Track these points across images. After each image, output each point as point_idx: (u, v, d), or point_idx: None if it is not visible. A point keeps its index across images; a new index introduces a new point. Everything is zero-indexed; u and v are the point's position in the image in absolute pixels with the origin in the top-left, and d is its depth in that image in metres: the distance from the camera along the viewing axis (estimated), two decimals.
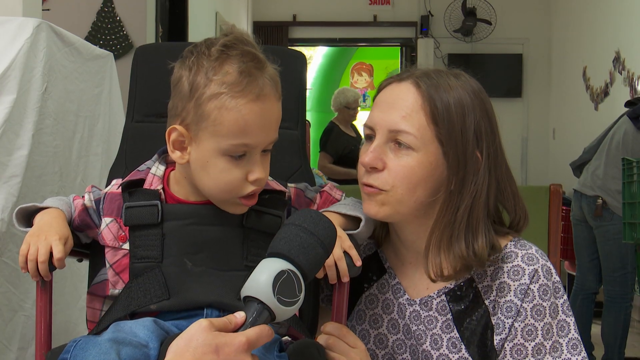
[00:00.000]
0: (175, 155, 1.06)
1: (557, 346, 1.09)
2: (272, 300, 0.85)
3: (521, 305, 1.09)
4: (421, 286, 1.18)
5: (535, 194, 2.25)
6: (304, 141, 1.39)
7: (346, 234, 1.11)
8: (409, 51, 7.16)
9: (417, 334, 1.16)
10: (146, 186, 1.11)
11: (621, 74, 4.92)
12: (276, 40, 6.93)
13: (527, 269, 1.11)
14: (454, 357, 1.12)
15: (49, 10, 3.16)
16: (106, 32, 3.75)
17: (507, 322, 1.10)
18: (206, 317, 0.96)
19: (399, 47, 7.34)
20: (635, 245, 3.05)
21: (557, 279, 1.12)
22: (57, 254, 1.06)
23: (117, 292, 1.09)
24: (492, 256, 1.12)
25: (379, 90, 1.18)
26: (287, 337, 1.06)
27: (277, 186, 1.16)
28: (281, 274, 0.87)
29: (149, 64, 1.42)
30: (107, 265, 1.11)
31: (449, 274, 1.11)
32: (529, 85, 6.89)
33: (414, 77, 1.12)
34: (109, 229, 1.12)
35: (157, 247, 1.06)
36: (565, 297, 1.12)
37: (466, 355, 1.11)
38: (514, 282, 1.11)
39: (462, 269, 1.11)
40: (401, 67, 7.47)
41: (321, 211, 1.17)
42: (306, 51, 8.04)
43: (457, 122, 1.09)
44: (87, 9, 3.73)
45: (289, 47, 1.41)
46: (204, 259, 1.06)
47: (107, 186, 1.21)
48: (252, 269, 0.89)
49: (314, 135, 5.29)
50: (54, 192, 1.80)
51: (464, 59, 6.54)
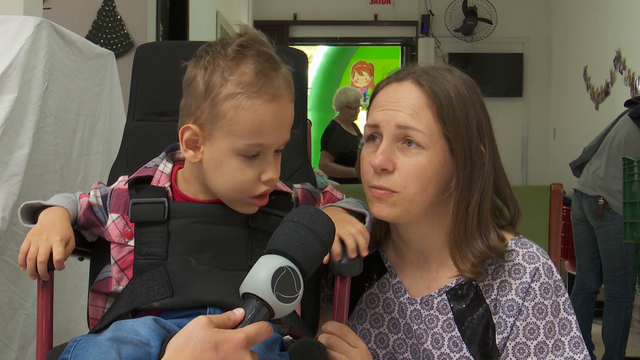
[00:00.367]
0: (188, 154, 1.05)
1: (560, 344, 1.09)
2: (271, 296, 0.86)
3: (523, 303, 1.09)
4: (422, 285, 1.18)
5: (535, 194, 2.24)
6: (305, 140, 1.39)
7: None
8: (410, 50, 7.15)
9: (418, 333, 1.16)
10: (154, 183, 1.11)
11: (622, 74, 4.91)
12: (277, 39, 6.85)
13: (528, 267, 1.11)
14: (455, 356, 1.12)
15: (49, 9, 3.16)
16: (107, 31, 3.75)
17: (509, 321, 1.10)
18: None
19: (400, 47, 7.33)
20: (635, 244, 3.05)
21: (559, 277, 1.12)
22: (57, 255, 1.06)
23: (120, 288, 1.09)
24: (503, 246, 1.12)
25: (377, 91, 1.17)
26: (288, 336, 1.06)
27: (283, 187, 1.16)
28: (280, 270, 0.87)
29: (150, 63, 1.42)
30: (112, 261, 1.11)
31: (472, 268, 1.10)
32: (530, 84, 6.88)
33: (414, 76, 1.12)
34: (115, 225, 1.12)
35: (162, 245, 1.06)
36: (566, 295, 1.12)
37: (467, 354, 1.11)
38: (515, 280, 1.11)
39: (481, 262, 1.11)
40: (402, 67, 7.44)
41: (325, 206, 1.17)
42: (307, 50, 8.03)
43: (462, 118, 1.09)
44: (88, 7, 3.73)
45: (290, 46, 1.41)
46: (208, 258, 1.05)
47: (109, 184, 1.20)
48: None
49: (315, 134, 5.29)
50: (54, 191, 1.80)
51: (465, 59, 6.53)
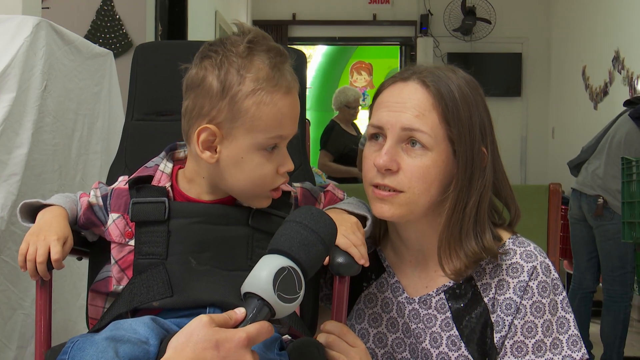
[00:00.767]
0: (205, 155, 1.04)
1: (558, 343, 1.09)
2: (272, 296, 0.86)
3: (520, 302, 1.09)
4: (420, 285, 1.18)
5: (534, 193, 2.24)
6: (303, 140, 1.39)
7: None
8: (409, 50, 7.15)
9: (417, 332, 1.16)
10: (154, 183, 1.11)
11: (620, 74, 4.92)
12: (276, 39, 6.84)
13: (526, 266, 1.11)
14: (453, 355, 1.12)
15: (48, 8, 3.15)
16: (106, 30, 3.74)
17: (507, 320, 1.10)
18: None
19: (399, 46, 7.33)
20: (634, 244, 3.06)
21: (556, 275, 1.12)
22: (55, 255, 1.05)
23: (120, 288, 1.09)
24: (499, 247, 1.12)
25: (381, 90, 1.17)
26: (287, 336, 1.06)
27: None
28: (282, 270, 0.87)
29: (149, 63, 1.42)
30: (113, 261, 1.11)
31: (459, 269, 1.11)
32: (529, 84, 6.88)
33: (420, 76, 1.12)
34: (115, 224, 1.12)
35: (162, 244, 1.06)
36: (564, 293, 1.12)
37: (466, 353, 1.11)
38: (512, 279, 1.11)
39: (472, 264, 1.11)
40: (401, 67, 7.46)
41: (327, 208, 1.17)
42: (306, 50, 8.03)
43: (465, 120, 1.09)
44: (87, 7, 3.72)
45: (289, 46, 1.41)
46: (208, 258, 1.05)
47: (108, 184, 1.20)
48: None
49: (314, 134, 5.29)
50: (53, 191, 1.79)
51: (464, 58, 6.54)
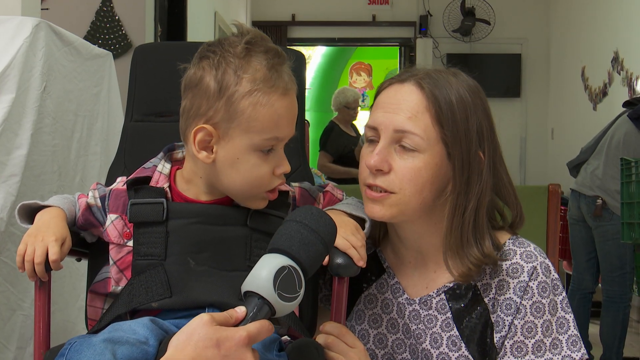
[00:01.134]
0: (201, 155, 1.05)
1: (557, 343, 1.09)
2: (272, 295, 0.86)
3: (521, 302, 1.09)
4: (420, 285, 1.18)
5: (533, 194, 2.25)
6: (303, 141, 1.39)
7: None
8: (408, 51, 7.16)
9: (417, 333, 1.16)
10: (152, 184, 1.11)
11: (620, 74, 4.92)
12: (275, 40, 6.86)
13: (526, 266, 1.11)
14: (453, 355, 1.12)
15: (47, 9, 3.16)
16: (105, 31, 3.74)
17: (507, 320, 1.10)
18: None
19: (398, 47, 7.34)
20: (633, 245, 3.06)
21: (556, 276, 1.12)
22: (52, 255, 1.05)
23: (119, 289, 1.09)
24: (498, 254, 1.12)
25: (380, 91, 1.17)
26: (286, 337, 1.06)
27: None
28: (282, 269, 0.87)
29: (148, 64, 1.42)
30: (111, 262, 1.11)
31: (466, 272, 1.11)
32: (528, 85, 6.89)
33: (417, 78, 1.12)
34: (114, 225, 1.12)
35: (161, 245, 1.06)
36: (564, 294, 1.12)
37: (466, 353, 1.11)
38: (513, 279, 1.11)
39: (477, 269, 1.11)
40: (400, 67, 7.46)
41: (327, 209, 1.17)
42: (305, 51, 8.04)
43: (461, 123, 1.09)
44: (86, 8, 3.72)
45: (288, 47, 1.42)
46: (207, 259, 1.06)
47: (107, 185, 1.20)
48: None
49: (313, 135, 5.29)
50: (52, 192, 1.80)
51: (463, 59, 6.54)
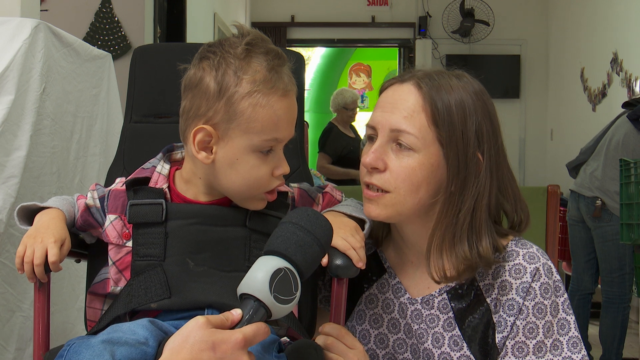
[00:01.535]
0: (201, 155, 1.05)
1: (558, 344, 1.09)
2: (268, 297, 0.86)
3: (523, 303, 1.09)
4: (422, 285, 1.18)
5: (533, 195, 2.25)
6: (302, 142, 1.39)
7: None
8: (407, 52, 7.16)
9: (419, 333, 1.16)
10: (151, 184, 1.12)
11: (619, 75, 4.93)
12: (274, 41, 6.86)
13: (529, 267, 1.11)
14: (455, 355, 1.12)
15: (47, 10, 3.16)
16: (104, 32, 3.74)
17: (509, 320, 1.10)
18: None
19: (397, 48, 7.34)
20: (632, 246, 3.06)
21: (558, 277, 1.12)
22: (52, 257, 1.05)
23: (118, 290, 1.09)
24: (496, 257, 1.12)
25: (382, 90, 1.18)
26: (285, 338, 1.06)
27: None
28: (278, 271, 0.87)
29: (148, 65, 1.42)
30: (110, 262, 1.11)
31: (452, 275, 1.11)
32: (527, 86, 6.89)
33: (416, 78, 1.12)
34: (113, 226, 1.12)
35: (160, 246, 1.06)
36: (565, 295, 1.12)
37: (468, 353, 1.11)
38: (515, 280, 1.11)
39: (465, 270, 1.11)
40: (399, 68, 7.47)
41: (326, 210, 1.17)
42: (304, 52, 8.04)
43: (458, 124, 1.09)
44: (85, 9, 3.72)
45: (287, 48, 1.42)
46: (206, 259, 1.06)
47: (106, 186, 1.20)
48: None
49: (312, 136, 5.29)
50: (51, 193, 1.80)
51: (462, 60, 6.54)
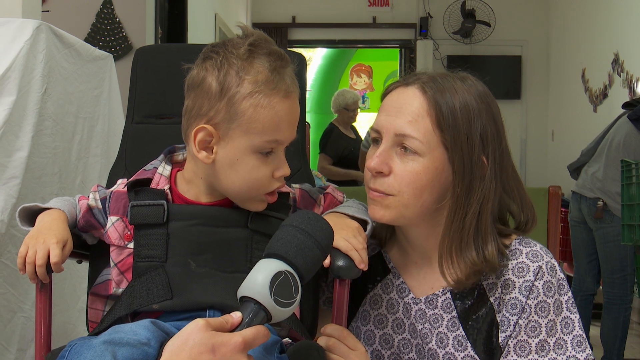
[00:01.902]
0: (201, 155, 1.05)
1: (562, 343, 1.09)
2: (268, 301, 0.86)
3: (526, 302, 1.09)
4: (426, 285, 1.18)
5: (534, 196, 2.24)
6: (303, 143, 1.39)
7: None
8: (408, 53, 7.16)
9: (423, 332, 1.16)
10: (153, 186, 1.12)
11: (620, 76, 4.92)
12: (275, 41, 6.89)
13: (532, 265, 1.11)
14: (459, 355, 1.12)
15: (48, 11, 3.16)
16: (105, 33, 3.74)
17: (512, 319, 1.10)
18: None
19: (398, 49, 7.34)
20: (634, 247, 3.05)
21: (562, 276, 1.12)
22: (54, 258, 1.05)
23: (120, 291, 1.09)
24: (501, 261, 1.12)
25: (386, 93, 1.18)
26: (287, 339, 1.06)
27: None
28: (278, 275, 0.87)
29: (149, 66, 1.42)
30: (112, 264, 1.11)
31: (460, 279, 1.11)
32: (528, 87, 6.89)
33: (420, 82, 1.12)
34: (114, 227, 1.12)
35: (162, 247, 1.06)
36: (569, 294, 1.12)
37: (472, 353, 1.11)
38: (518, 279, 1.11)
39: (472, 274, 1.11)
40: (400, 69, 7.47)
41: (329, 212, 1.17)
42: (305, 53, 8.04)
43: (463, 128, 1.09)
44: (87, 10, 3.72)
45: (289, 49, 1.42)
46: (207, 260, 1.06)
47: (108, 187, 1.20)
48: None
49: (313, 136, 5.29)
50: (53, 194, 1.80)
51: (463, 61, 6.53)
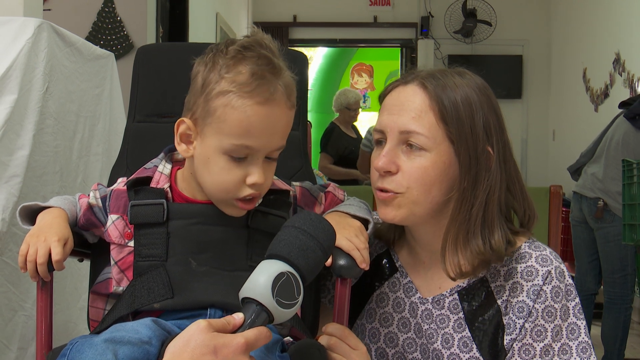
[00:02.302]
0: (180, 147, 1.06)
1: (567, 349, 1.08)
2: (270, 302, 0.85)
3: (533, 306, 1.09)
4: (433, 285, 1.18)
5: (535, 196, 2.24)
6: (305, 142, 1.39)
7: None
8: (409, 52, 7.16)
9: (429, 333, 1.16)
10: (153, 184, 1.12)
11: (621, 76, 4.92)
12: (276, 41, 6.90)
13: (541, 270, 1.10)
14: (464, 356, 1.12)
15: (50, 10, 3.16)
16: (107, 32, 3.75)
17: (519, 323, 1.10)
18: (209, 317, 0.96)
19: (399, 48, 7.34)
20: (635, 246, 3.05)
21: (570, 281, 1.11)
22: (55, 256, 1.05)
23: (120, 289, 1.09)
24: (509, 251, 1.11)
25: (385, 94, 1.18)
26: (288, 338, 1.06)
27: (282, 185, 1.16)
28: (280, 276, 0.87)
29: (151, 65, 1.42)
30: (112, 262, 1.11)
31: (467, 270, 1.11)
32: (529, 86, 6.89)
33: (420, 79, 1.12)
34: (115, 226, 1.12)
35: (162, 246, 1.06)
36: (577, 300, 1.11)
37: (477, 354, 1.11)
38: (527, 282, 1.10)
39: (480, 264, 1.11)
40: (401, 68, 7.47)
41: (329, 211, 1.17)
42: (306, 52, 8.04)
43: (466, 120, 1.09)
44: (88, 9, 3.73)
45: (290, 48, 1.42)
46: (208, 259, 1.06)
47: (109, 186, 1.20)
48: None
49: (314, 136, 5.29)
50: (54, 192, 1.80)
51: (464, 60, 6.47)
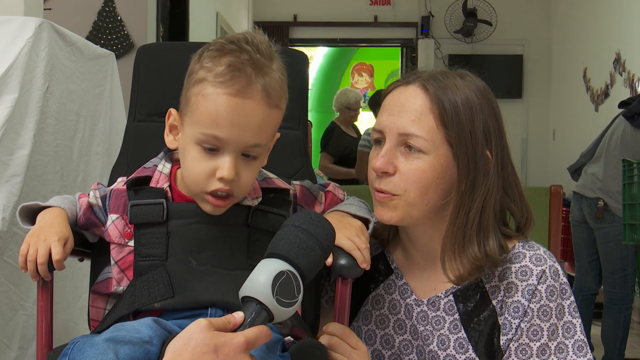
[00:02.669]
0: (168, 138, 1.09)
1: (563, 347, 1.09)
2: (271, 300, 0.86)
3: (528, 305, 1.09)
4: (429, 287, 1.18)
5: (535, 195, 2.25)
6: (305, 141, 1.39)
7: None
8: (410, 52, 7.16)
9: (425, 334, 1.16)
10: (152, 184, 1.12)
11: (621, 75, 4.92)
12: (277, 40, 6.90)
13: (535, 269, 1.10)
14: (460, 357, 1.12)
15: (50, 9, 3.16)
16: (107, 31, 3.75)
17: (514, 323, 1.10)
18: (210, 317, 0.96)
19: (400, 48, 7.34)
20: (635, 246, 3.05)
21: (565, 280, 1.12)
22: (56, 255, 1.05)
23: (121, 289, 1.09)
24: (502, 256, 1.12)
25: (386, 93, 1.18)
26: (289, 337, 1.06)
27: (282, 184, 1.16)
28: (280, 274, 0.87)
29: (151, 64, 1.42)
30: (113, 262, 1.11)
31: (462, 274, 1.11)
32: (529, 86, 6.89)
33: (421, 80, 1.12)
34: (114, 225, 1.12)
35: (162, 246, 1.06)
36: (572, 298, 1.11)
37: (473, 355, 1.11)
38: (521, 282, 1.10)
39: (475, 270, 1.11)
40: (402, 68, 7.47)
41: (330, 210, 1.17)
42: (307, 51, 8.03)
43: (466, 124, 1.09)
44: (88, 8, 3.73)
45: (290, 47, 1.42)
46: (208, 258, 1.06)
47: (109, 185, 1.20)
48: None
49: (315, 135, 5.29)
50: (55, 192, 1.80)
51: (465, 60, 6.50)
